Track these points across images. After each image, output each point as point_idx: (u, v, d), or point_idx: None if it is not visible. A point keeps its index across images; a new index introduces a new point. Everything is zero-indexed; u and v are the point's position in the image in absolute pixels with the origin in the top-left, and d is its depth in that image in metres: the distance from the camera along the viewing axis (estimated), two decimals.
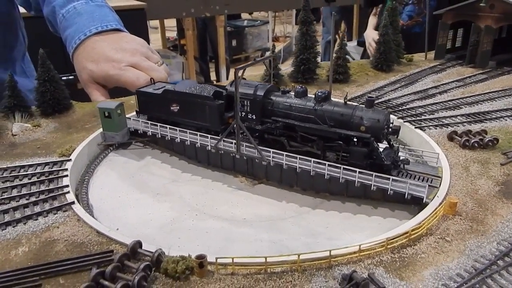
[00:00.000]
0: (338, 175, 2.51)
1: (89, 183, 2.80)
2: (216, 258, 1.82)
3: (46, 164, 2.75)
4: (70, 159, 2.79)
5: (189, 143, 3.04)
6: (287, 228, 2.41)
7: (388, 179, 2.40)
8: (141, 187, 2.84)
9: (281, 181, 2.80)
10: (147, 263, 1.80)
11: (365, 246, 1.91)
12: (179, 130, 3.05)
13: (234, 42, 12.58)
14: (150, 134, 3.22)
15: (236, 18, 13.68)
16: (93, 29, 4.11)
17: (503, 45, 5.05)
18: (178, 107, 3.06)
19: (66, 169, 2.67)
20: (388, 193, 2.41)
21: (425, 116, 3.45)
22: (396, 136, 2.71)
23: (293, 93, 2.78)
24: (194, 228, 2.42)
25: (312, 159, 2.58)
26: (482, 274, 1.77)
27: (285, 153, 2.66)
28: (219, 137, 2.86)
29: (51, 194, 2.41)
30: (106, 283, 1.73)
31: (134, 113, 3.38)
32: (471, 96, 3.86)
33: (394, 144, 2.75)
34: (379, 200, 2.54)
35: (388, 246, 1.95)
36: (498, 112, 3.49)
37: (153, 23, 12.55)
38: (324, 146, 2.66)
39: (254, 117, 2.83)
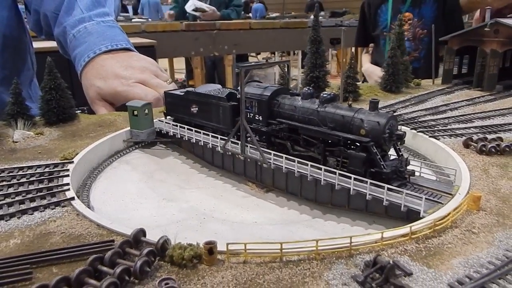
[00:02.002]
0: (334, 181, 2.30)
1: (91, 186, 2.68)
2: (227, 244, 1.66)
3: (47, 165, 2.63)
4: (73, 161, 2.68)
5: (202, 144, 2.97)
6: (300, 230, 2.25)
7: (383, 188, 2.14)
8: (148, 191, 2.71)
9: (287, 189, 2.63)
10: (151, 248, 1.64)
11: (388, 235, 1.75)
12: (194, 130, 3.00)
13: None
14: (171, 134, 3.21)
15: (243, 60, 14.13)
16: (103, 48, 4.14)
17: (508, 74, 5.07)
18: (197, 108, 3.05)
19: (68, 170, 2.56)
20: (384, 203, 2.15)
21: (438, 127, 3.37)
22: (401, 143, 2.46)
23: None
24: (201, 230, 2.27)
25: (310, 163, 2.40)
26: None
27: (284, 155, 2.51)
28: (229, 139, 2.76)
29: (49, 192, 2.26)
30: (105, 268, 1.56)
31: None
32: (482, 112, 3.80)
33: (404, 155, 2.50)
34: (381, 215, 2.27)
35: (412, 236, 1.79)
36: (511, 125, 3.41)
37: (162, 65, 12.94)
38: (325, 151, 2.50)
39: (260, 118, 2.75)
